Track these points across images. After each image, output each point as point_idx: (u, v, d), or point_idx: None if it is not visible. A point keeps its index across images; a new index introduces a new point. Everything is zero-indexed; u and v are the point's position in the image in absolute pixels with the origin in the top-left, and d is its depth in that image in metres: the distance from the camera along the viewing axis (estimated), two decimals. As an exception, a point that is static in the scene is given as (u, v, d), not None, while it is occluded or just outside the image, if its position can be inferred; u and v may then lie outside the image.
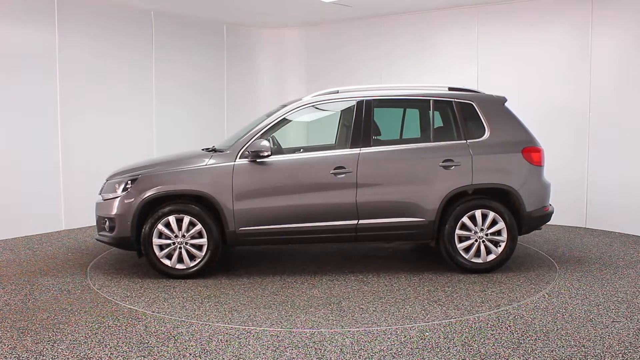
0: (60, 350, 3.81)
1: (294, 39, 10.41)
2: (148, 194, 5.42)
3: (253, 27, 10.20)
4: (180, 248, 5.47)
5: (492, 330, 4.13)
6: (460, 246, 5.56)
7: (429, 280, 5.41)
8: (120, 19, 8.36)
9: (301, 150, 6.06)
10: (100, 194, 5.81)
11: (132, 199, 5.44)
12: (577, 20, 7.70)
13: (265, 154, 5.45)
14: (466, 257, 5.56)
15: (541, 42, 7.97)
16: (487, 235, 5.56)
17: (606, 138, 7.55)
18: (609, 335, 4.02)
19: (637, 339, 3.96)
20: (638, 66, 7.21)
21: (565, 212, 7.47)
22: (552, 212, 5.86)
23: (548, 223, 6.05)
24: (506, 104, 5.84)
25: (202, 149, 6.00)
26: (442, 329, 4.17)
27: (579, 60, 7.70)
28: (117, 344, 3.92)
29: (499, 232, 5.57)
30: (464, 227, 5.55)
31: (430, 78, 8.61)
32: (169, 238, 5.46)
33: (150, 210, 5.47)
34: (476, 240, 5.57)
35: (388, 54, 9.30)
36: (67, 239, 7.33)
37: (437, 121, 5.87)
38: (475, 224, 5.55)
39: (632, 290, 5.08)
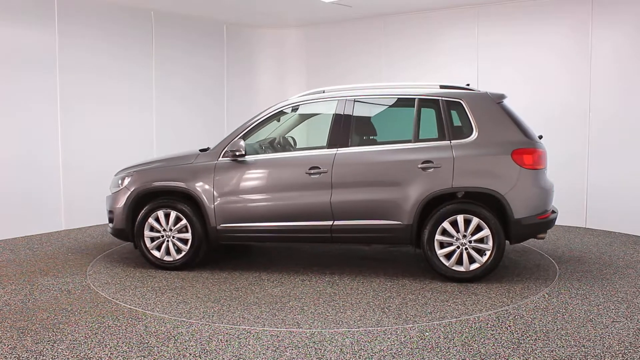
0: (60, 350, 3.81)
1: (293, 39, 10.41)
2: (137, 189, 5.81)
3: (253, 27, 10.20)
4: (167, 241, 5.78)
5: (492, 330, 4.13)
6: (440, 252, 5.26)
7: (402, 286, 5.20)
8: (120, 19, 8.36)
9: None
10: (110, 188, 6.22)
11: (126, 194, 5.84)
12: (577, 21, 7.70)
13: (240, 153, 5.61)
14: (446, 264, 5.26)
15: (541, 42, 7.97)
16: (470, 242, 5.22)
17: (606, 138, 7.55)
18: (609, 335, 4.02)
19: (637, 339, 3.96)
20: (637, 67, 7.21)
21: (565, 212, 7.44)
22: (551, 220, 5.40)
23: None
24: (504, 102, 5.51)
25: (199, 150, 6.08)
26: (442, 329, 4.17)
27: (578, 61, 7.70)
28: (117, 344, 3.92)
29: (484, 240, 5.22)
30: (445, 232, 5.26)
31: (430, 78, 8.61)
32: (158, 231, 5.78)
33: (143, 205, 5.82)
34: (458, 247, 5.25)
35: (388, 54, 9.30)
36: (67, 239, 7.33)
37: (422, 120, 5.59)
38: (457, 229, 5.23)
39: (632, 290, 5.08)
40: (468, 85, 5.89)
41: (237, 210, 5.63)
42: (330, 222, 5.46)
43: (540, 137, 5.61)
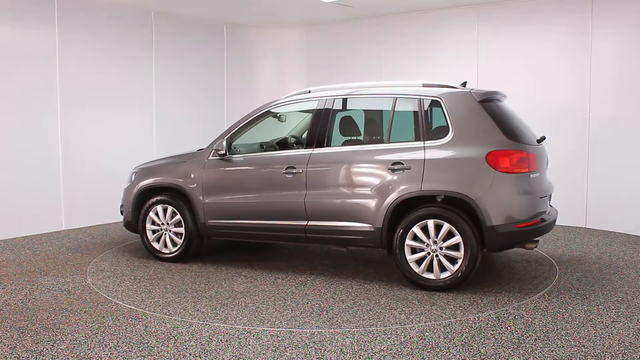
0: (60, 350, 3.81)
1: (294, 38, 10.40)
2: (139, 185, 6.24)
3: (253, 26, 10.20)
4: (165, 234, 6.14)
5: (492, 330, 4.13)
6: (410, 258, 5.02)
7: (365, 291, 5.06)
8: (121, 19, 8.36)
9: None
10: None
11: (133, 189, 6.28)
12: (577, 20, 7.70)
13: (222, 152, 5.81)
14: (417, 271, 5.01)
15: (541, 42, 7.97)
16: (441, 249, 4.93)
17: (606, 138, 7.55)
18: (609, 335, 4.02)
19: (637, 339, 3.96)
20: (638, 66, 7.21)
21: (565, 212, 7.46)
22: (535, 229, 4.98)
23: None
24: (493, 101, 5.19)
25: (198, 149, 6.27)
26: (442, 329, 4.16)
27: (579, 60, 7.70)
28: (117, 344, 3.92)
29: (456, 247, 4.90)
30: (416, 238, 5.01)
31: (430, 77, 8.60)
32: (158, 225, 6.15)
33: (147, 199, 6.22)
34: (428, 254, 4.98)
35: (388, 54, 9.30)
36: (67, 239, 7.33)
37: (399, 120, 5.37)
38: (428, 235, 4.97)
39: (632, 290, 5.07)
40: (465, 83, 5.67)
41: (222, 208, 5.83)
42: (304, 223, 5.47)
43: (542, 139, 5.38)
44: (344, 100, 5.73)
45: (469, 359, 3.66)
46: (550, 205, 5.67)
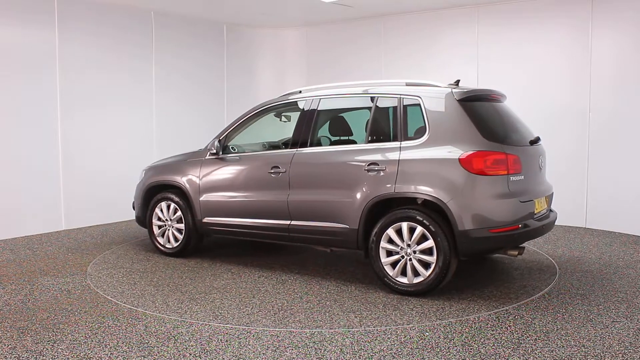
0: (60, 350, 3.81)
1: (294, 39, 10.40)
2: (147, 182, 6.54)
3: (253, 27, 10.20)
4: (168, 230, 6.37)
5: (492, 330, 4.13)
6: (385, 261, 4.92)
7: (338, 292, 5.02)
8: (120, 19, 8.35)
9: None
10: None
11: (142, 186, 6.58)
12: (577, 20, 7.69)
13: (213, 152, 6.03)
14: (390, 274, 4.90)
15: (541, 42, 7.97)
16: (415, 252, 4.80)
17: (606, 138, 7.54)
18: (609, 335, 4.02)
19: (637, 339, 3.96)
20: (638, 66, 7.21)
21: (565, 212, 7.46)
22: (513, 235, 4.75)
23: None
24: (480, 100, 5.05)
25: (198, 149, 6.40)
26: (442, 329, 4.16)
27: (579, 60, 7.69)
28: (117, 344, 3.92)
29: (430, 251, 4.74)
30: (391, 240, 4.90)
31: (430, 77, 8.57)
32: (162, 221, 6.40)
33: (154, 196, 6.50)
34: (402, 257, 4.86)
35: (388, 54, 9.29)
36: (67, 239, 7.33)
37: (379, 120, 5.38)
38: (402, 238, 4.85)
39: (632, 290, 5.07)
40: (458, 82, 5.30)
41: (216, 205, 6.00)
42: (288, 222, 5.52)
43: (536, 140, 5.25)
44: (329, 100, 5.64)
45: (469, 359, 3.66)
46: (550, 210, 5.58)
